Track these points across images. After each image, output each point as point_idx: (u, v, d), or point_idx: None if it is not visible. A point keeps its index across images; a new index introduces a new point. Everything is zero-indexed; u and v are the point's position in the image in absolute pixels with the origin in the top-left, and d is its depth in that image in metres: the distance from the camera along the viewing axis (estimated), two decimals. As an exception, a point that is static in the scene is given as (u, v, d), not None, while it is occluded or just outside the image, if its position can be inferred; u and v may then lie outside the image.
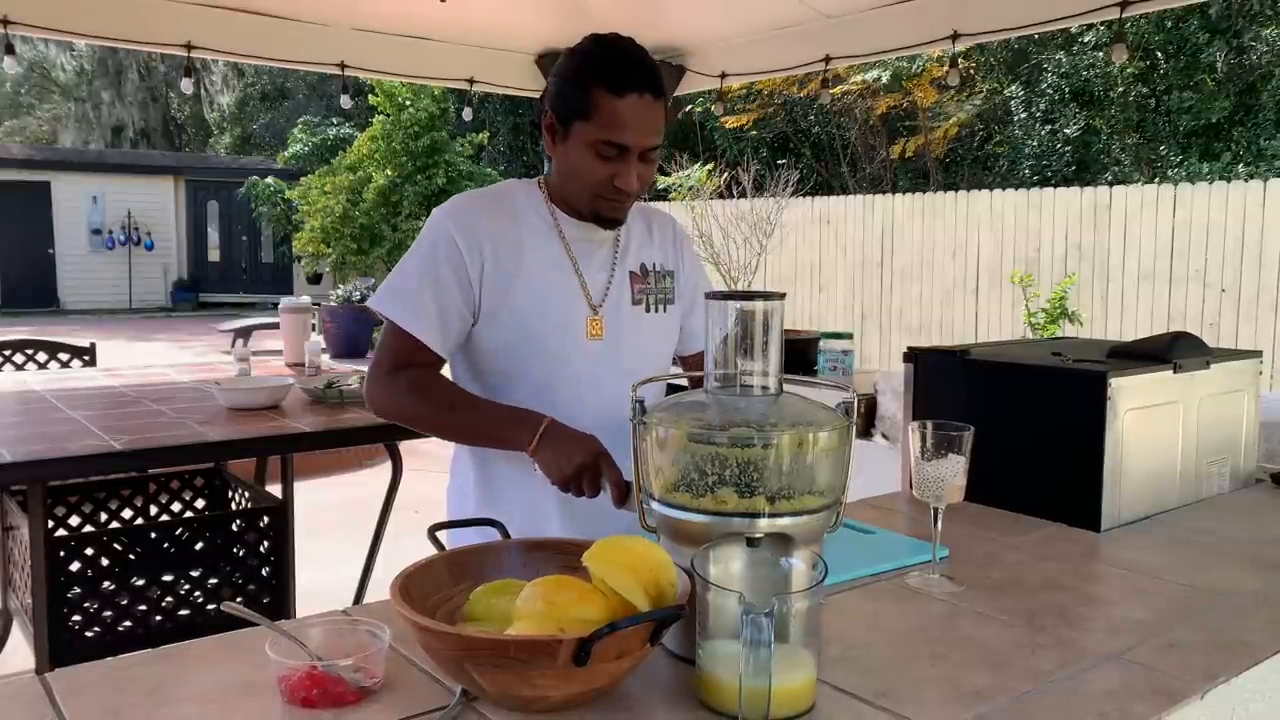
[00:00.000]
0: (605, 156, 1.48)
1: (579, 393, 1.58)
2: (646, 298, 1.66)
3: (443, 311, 1.53)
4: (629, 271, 1.65)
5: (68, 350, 4.09)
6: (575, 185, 1.54)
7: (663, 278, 1.69)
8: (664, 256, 1.71)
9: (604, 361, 1.59)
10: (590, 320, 1.59)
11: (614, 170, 1.49)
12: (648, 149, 1.50)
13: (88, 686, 0.99)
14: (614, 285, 1.62)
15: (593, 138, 1.47)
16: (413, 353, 1.55)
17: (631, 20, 4.00)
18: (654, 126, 1.49)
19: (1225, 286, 7.50)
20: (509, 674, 0.87)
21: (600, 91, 1.45)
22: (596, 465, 1.39)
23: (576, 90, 1.47)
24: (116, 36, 3.66)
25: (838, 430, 1.03)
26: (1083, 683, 1.01)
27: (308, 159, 18.15)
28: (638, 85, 1.46)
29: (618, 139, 1.46)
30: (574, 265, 1.59)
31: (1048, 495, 1.60)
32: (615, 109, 1.45)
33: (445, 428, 1.59)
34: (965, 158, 14.06)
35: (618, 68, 1.46)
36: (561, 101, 1.50)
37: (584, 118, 1.47)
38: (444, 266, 1.53)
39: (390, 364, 1.56)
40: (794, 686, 0.91)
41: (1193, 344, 1.73)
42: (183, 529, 2.78)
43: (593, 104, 1.45)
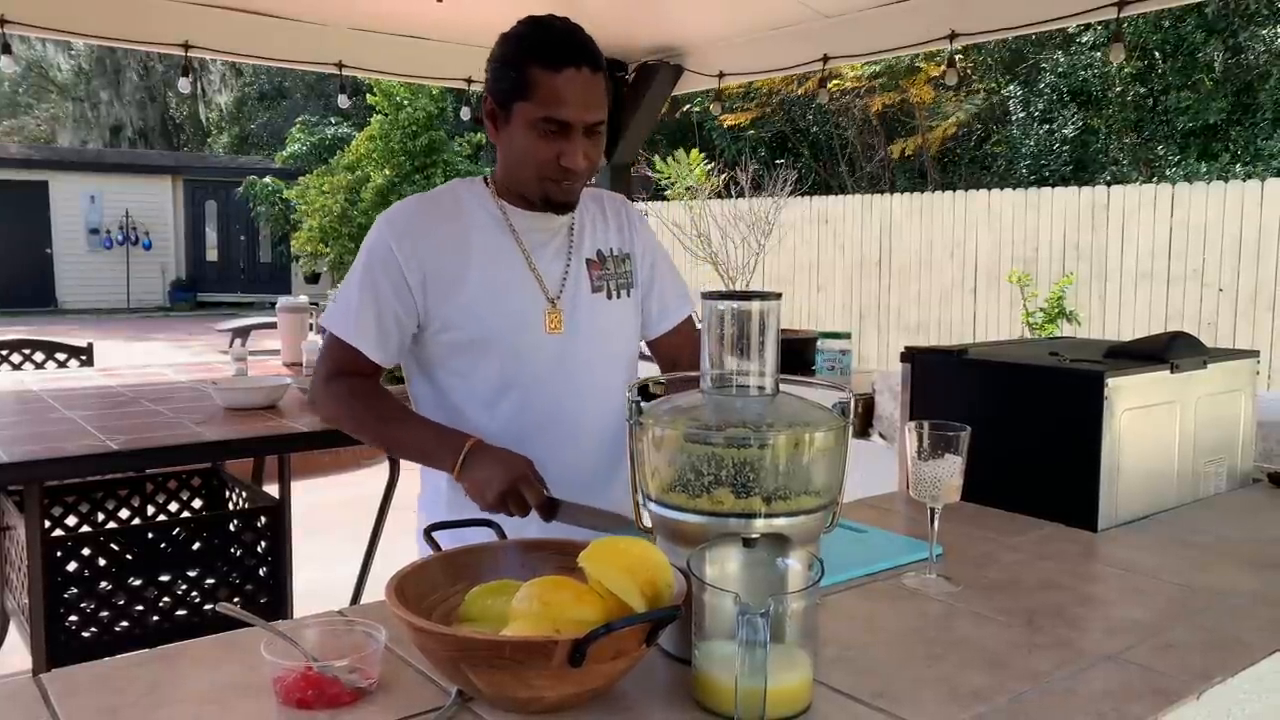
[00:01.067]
0: (549, 135, 1.45)
1: (542, 388, 1.55)
2: (607, 284, 1.63)
3: (380, 320, 1.52)
4: (585, 259, 1.61)
5: (65, 350, 4.09)
6: (522, 170, 1.51)
7: (620, 261, 1.66)
8: (620, 239, 1.68)
9: (566, 354, 1.56)
10: (548, 313, 1.55)
11: (559, 149, 1.46)
12: (591, 124, 1.47)
13: (83, 687, 0.99)
14: (571, 275, 1.59)
15: (534, 116, 1.44)
16: (350, 361, 1.54)
17: (629, 19, 4.00)
18: (595, 100, 1.47)
19: (1223, 286, 7.50)
20: (505, 675, 0.87)
21: (537, 69, 1.43)
22: (516, 489, 1.37)
23: (513, 70, 1.45)
24: (114, 36, 3.66)
25: (834, 430, 1.03)
26: (1080, 683, 1.01)
27: (306, 158, 18.14)
28: (574, 59, 1.44)
29: (559, 115, 1.44)
30: (526, 257, 1.56)
31: (1045, 495, 1.60)
32: (554, 84, 1.43)
33: (378, 439, 1.58)
34: (963, 157, 14.07)
35: (553, 43, 1.45)
36: (499, 84, 1.48)
37: (523, 97, 1.44)
38: (380, 276, 1.51)
39: (328, 371, 1.57)
40: (790, 687, 0.91)
41: (1190, 344, 1.73)
42: (180, 529, 2.78)
43: (531, 82, 1.43)
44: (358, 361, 1.54)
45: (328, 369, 1.57)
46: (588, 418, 1.59)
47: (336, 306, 1.56)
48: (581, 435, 1.59)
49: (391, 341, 1.54)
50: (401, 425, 1.53)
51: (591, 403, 1.59)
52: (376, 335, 1.53)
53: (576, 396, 1.58)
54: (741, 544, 0.99)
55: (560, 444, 1.55)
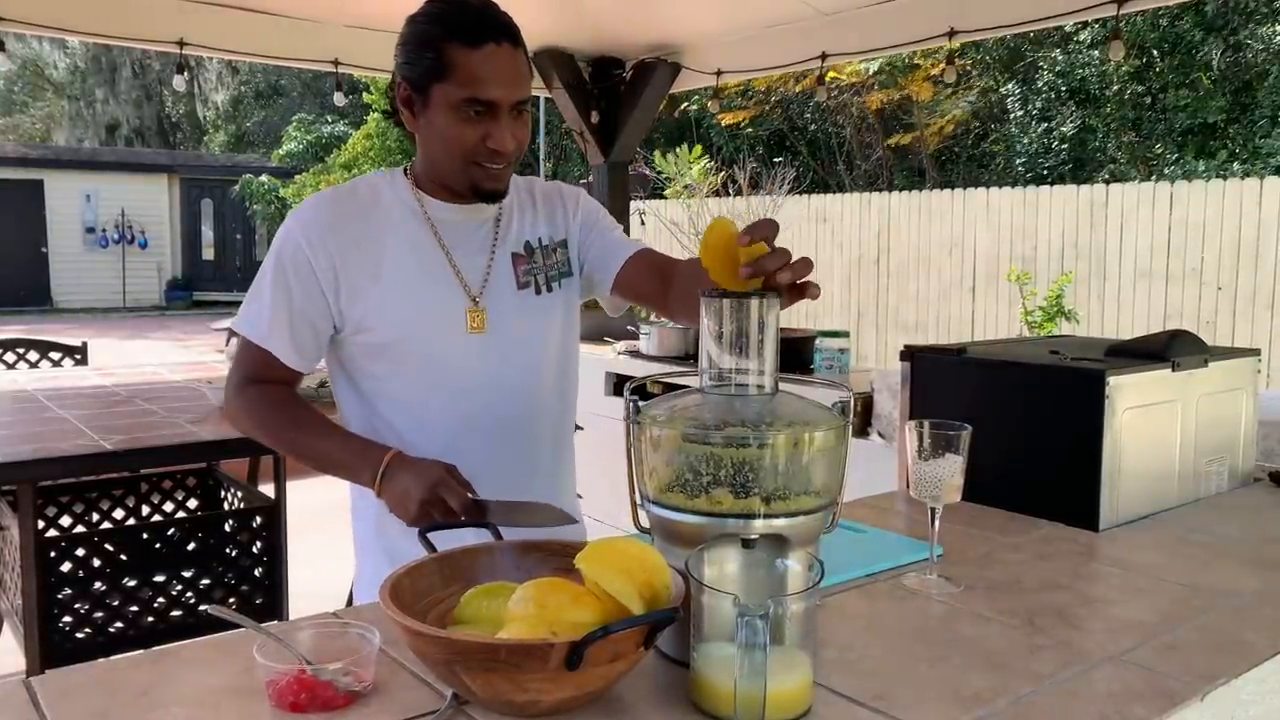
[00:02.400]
0: (473, 117, 1.37)
1: (468, 391, 1.48)
2: (534, 278, 1.54)
3: (293, 324, 1.44)
4: (511, 254, 1.53)
5: (59, 349, 4.07)
6: (446, 157, 1.42)
7: (552, 251, 1.57)
8: (551, 228, 1.58)
9: (490, 354, 1.48)
10: (470, 312, 1.47)
11: (485, 131, 1.38)
12: (516, 103, 1.39)
13: (74, 690, 0.97)
14: (494, 270, 1.50)
15: (456, 98, 1.36)
16: (263, 366, 1.46)
17: (627, 17, 3.99)
18: (519, 77, 1.39)
19: (1222, 285, 7.50)
20: (500, 678, 0.86)
21: (455, 47, 1.35)
22: (438, 497, 1.29)
23: (428, 51, 1.36)
24: (108, 34, 3.65)
25: (834, 430, 1.02)
26: (1082, 684, 1.00)
27: (302, 157, 18.14)
28: (494, 35, 1.36)
29: (483, 94, 1.35)
30: (446, 253, 1.47)
31: (1046, 495, 1.59)
32: (474, 62, 1.35)
33: (295, 451, 1.47)
34: (961, 155, 14.07)
35: (470, 20, 1.36)
36: (414, 68, 1.39)
37: (442, 79, 1.36)
38: (291, 277, 1.43)
39: (240, 377, 1.49)
40: (790, 690, 0.90)
41: (1191, 342, 1.72)
42: (175, 529, 2.77)
43: (449, 62, 1.35)
44: (272, 367, 1.46)
45: (240, 375, 1.49)
46: (520, 420, 1.52)
47: (248, 309, 1.47)
48: (515, 438, 1.52)
49: (307, 345, 1.46)
50: (319, 437, 1.44)
51: (524, 404, 1.52)
52: (290, 339, 1.45)
53: (507, 398, 1.50)
54: (740, 545, 0.98)
55: (493, 448, 1.48)
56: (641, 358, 4.07)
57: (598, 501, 3.39)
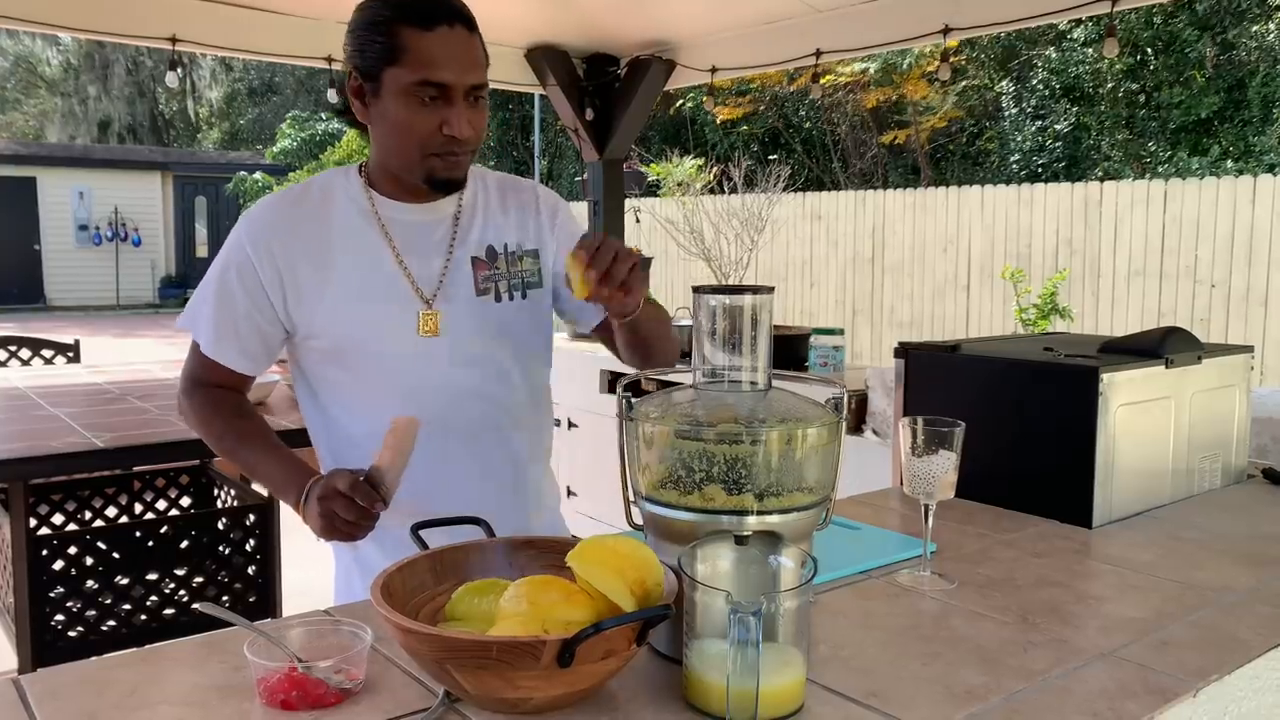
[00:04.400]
0: (428, 102, 1.32)
1: (418, 394, 1.42)
2: (495, 285, 1.46)
3: (239, 329, 1.41)
4: (471, 257, 1.46)
5: (51, 347, 4.06)
6: (401, 148, 1.36)
7: (519, 259, 1.49)
8: (522, 234, 1.51)
9: (444, 360, 1.43)
10: (423, 315, 1.41)
11: (441, 117, 1.32)
12: (472, 88, 1.34)
13: (63, 689, 0.97)
14: (450, 273, 1.44)
15: (408, 81, 1.30)
16: (211, 370, 1.45)
17: (620, 13, 3.99)
18: (474, 61, 1.34)
19: (1215, 282, 7.52)
20: (492, 675, 0.85)
21: (407, 29, 1.30)
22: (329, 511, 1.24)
23: (379, 35, 1.31)
24: (100, 30, 3.62)
25: (827, 426, 1.02)
26: (1076, 681, 0.99)
27: (296, 154, 18.09)
28: (447, 17, 1.32)
29: (436, 77, 1.30)
30: (395, 254, 1.42)
31: (1039, 491, 1.59)
32: (427, 45, 1.30)
33: (236, 462, 1.45)
34: (956, 153, 14.09)
35: (422, 2, 1.32)
36: (364, 55, 1.33)
37: (394, 62, 1.31)
38: (236, 282, 1.41)
39: (189, 381, 1.47)
40: (782, 687, 0.90)
41: (1184, 339, 1.72)
42: (168, 527, 2.76)
43: (400, 45, 1.30)
44: (218, 370, 1.44)
45: (189, 375, 1.47)
46: (481, 426, 1.47)
47: (197, 310, 1.44)
48: (476, 444, 1.47)
49: (254, 350, 1.43)
50: (257, 452, 1.42)
51: (485, 410, 1.47)
52: (236, 345, 1.42)
53: (464, 403, 1.45)
54: (733, 541, 0.98)
55: (449, 456, 1.44)
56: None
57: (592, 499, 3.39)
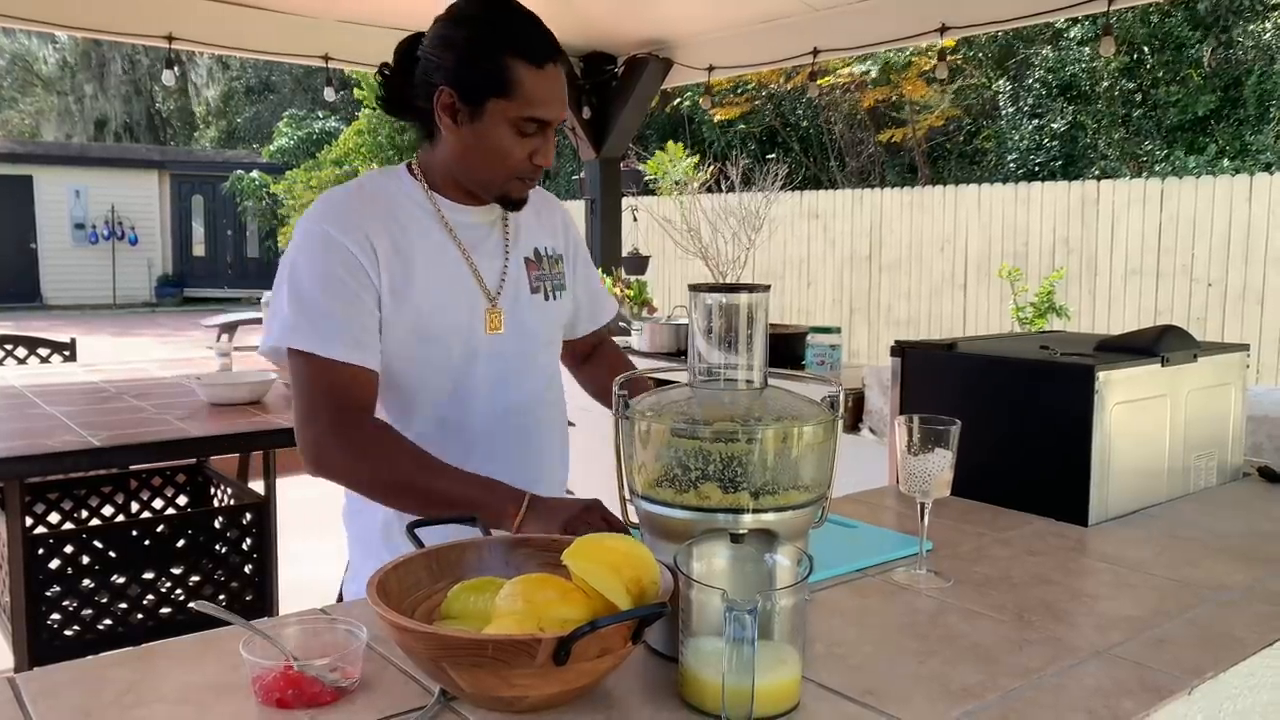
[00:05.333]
0: (526, 133, 1.37)
1: (487, 391, 1.47)
2: (544, 285, 1.54)
3: (363, 327, 1.36)
4: (524, 258, 1.53)
5: (48, 345, 4.05)
6: (488, 168, 1.40)
7: (555, 262, 1.58)
8: (553, 240, 1.60)
9: (508, 356, 1.48)
10: (489, 313, 1.46)
11: (534, 147, 1.39)
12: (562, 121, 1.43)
13: (59, 688, 0.97)
14: (510, 273, 1.50)
15: (515, 115, 1.35)
16: (350, 387, 1.34)
17: (618, 12, 3.98)
18: (565, 97, 1.41)
19: (1212, 281, 7.53)
20: (488, 673, 0.85)
21: (520, 65, 1.33)
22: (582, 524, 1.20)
23: (490, 64, 1.33)
24: (97, 28, 3.62)
25: (823, 424, 1.02)
26: (1071, 679, 1.00)
27: (293, 153, 18.08)
28: (554, 55, 1.37)
29: (543, 114, 1.36)
30: (465, 255, 1.46)
31: (1035, 489, 1.59)
32: (537, 82, 1.34)
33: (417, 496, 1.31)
34: (953, 152, 14.09)
35: (533, 38, 1.36)
36: (468, 75, 1.35)
37: (503, 95, 1.34)
38: (345, 276, 1.35)
39: (332, 411, 1.33)
40: (778, 684, 0.90)
41: (1180, 337, 1.72)
42: (164, 526, 2.76)
43: (513, 80, 1.33)
44: (358, 384, 1.35)
45: (328, 406, 1.33)
46: (533, 416, 1.53)
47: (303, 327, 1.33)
48: (530, 434, 1.52)
49: (376, 350, 1.38)
50: (446, 478, 1.31)
51: (536, 401, 1.54)
52: (369, 346, 1.36)
53: (522, 396, 1.50)
54: (729, 540, 0.98)
55: (511, 443, 1.49)
56: (633, 354, 4.07)
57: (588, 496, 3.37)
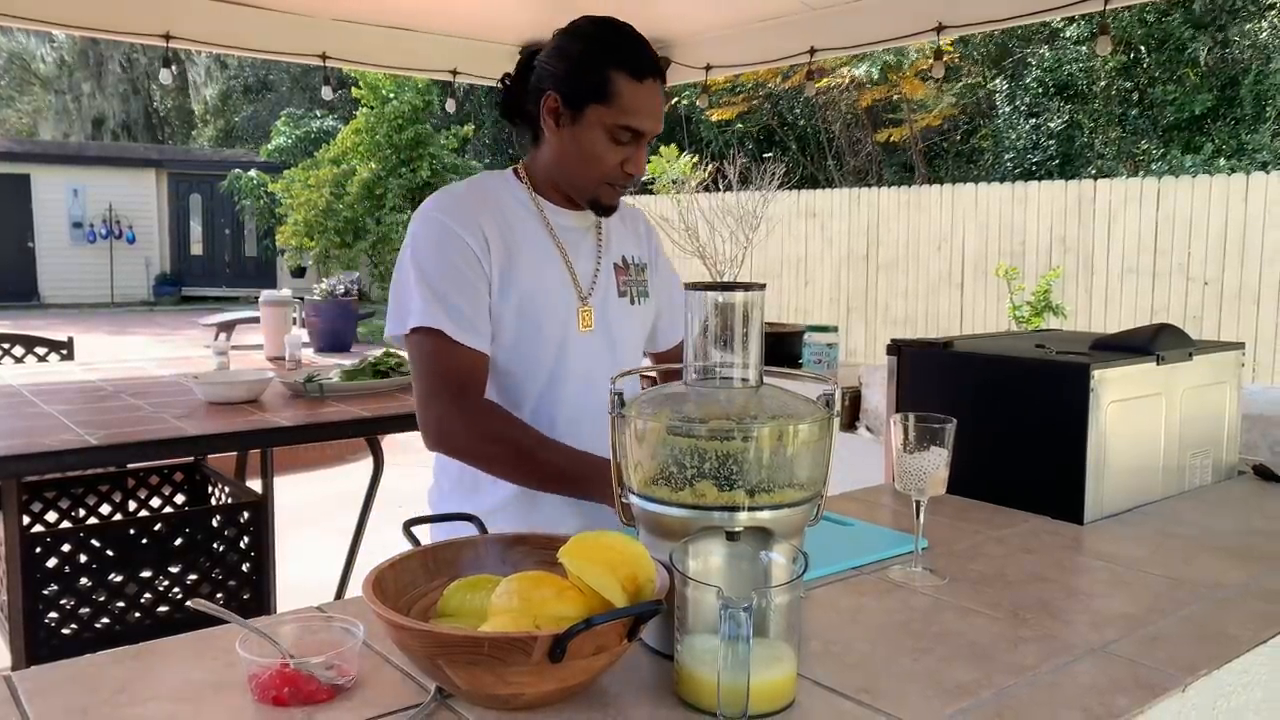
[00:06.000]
0: (620, 141, 1.47)
1: (576, 387, 1.54)
2: (630, 290, 1.64)
3: (479, 314, 1.46)
4: (613, 263, 1.63)
5: (45, 344, 4.04)
6: (582, 171, 1.50)
7: (640, 270, 1.68)
8: (639, 249, 1.70)
9: (597, 354, 1.56)
10: (581, 311, 1.55)
11: (626, 155, 1.48)
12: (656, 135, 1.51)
13: (55, 686, 0.97)
14: (601, 276, 1.60)
15: (611, 122, 1.45)
16: (469, 368, 1.45)
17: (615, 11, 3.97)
18: (662, 113, 1.51)
19: (1208, 280, 7.54)
20: (484, 671, 0.86)
21: (622, 76, 1.44)
22: None
23: (594, 73, 1.44)
24: (93, 26, 3.61)
25: (818, 422, 1.02)
26: (1066, 676, 1.00)
27: (291, 152, 18.06)
28: (654, 71, 1.47)
29: (637, 124, 1.46)
30: (563, 255, 1.55)
31: (1031, 487, 1.59)
32: (637, 94, 1.45)
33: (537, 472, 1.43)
34: (950, 151, 14.10)
35: (638, 53, 1.46)
36: (574, 84, 1.46)
37: (602, 102, 1.44)
38: (461, 264, 1.45)
39: (455, 390, 1.43)
40: (773, 682, 0.90)
41: (1175, 336, 1.72)
42: (161, 525, 2.75)
43: (613, 90, 1.44)
44: (474, 368, 1.46)
45: (451, 388, 1.44)
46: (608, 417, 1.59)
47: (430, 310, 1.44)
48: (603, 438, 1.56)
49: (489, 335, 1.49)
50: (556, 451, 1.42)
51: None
52: (484, 330, 1.47)
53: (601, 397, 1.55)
54: (725, 537, 0.98)
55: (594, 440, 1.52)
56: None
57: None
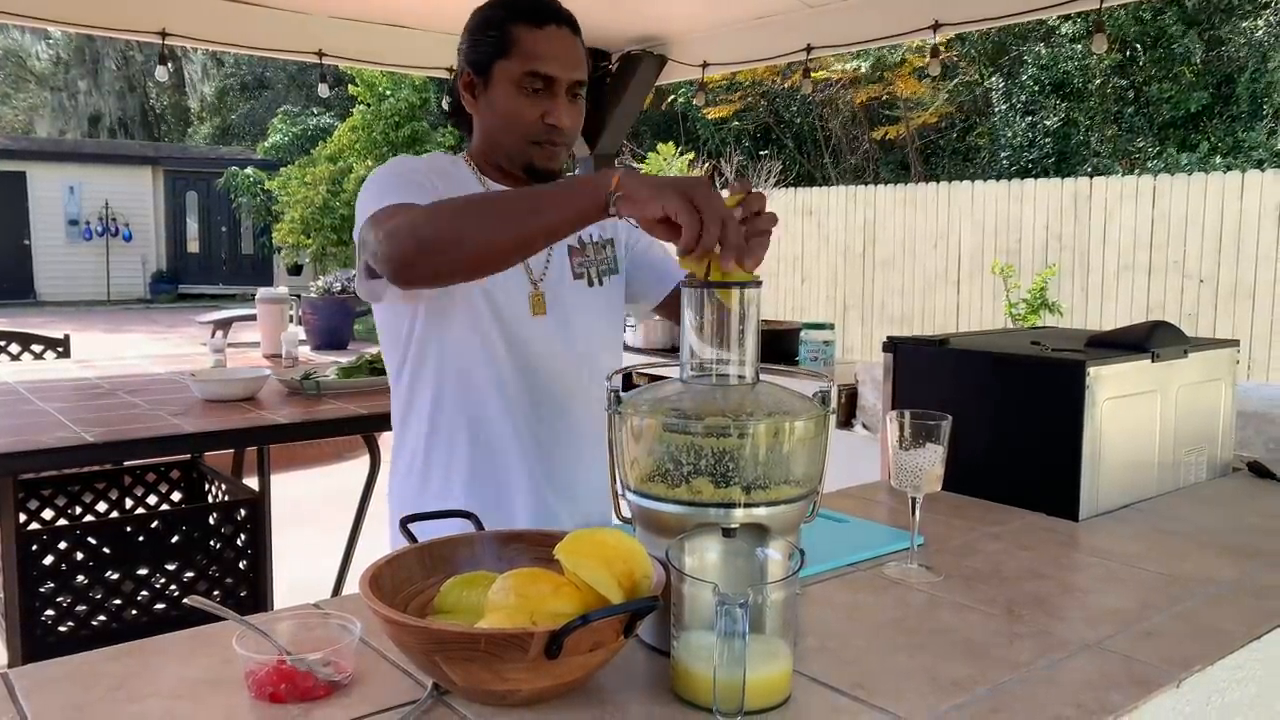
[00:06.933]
0: (533, 93, 1.45)
1: (532, 374, 1.52)
2: (587, 271, 1.60)
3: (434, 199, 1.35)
4: (567, 244, 1.58)
5: (41, 342, 4.04)
6: (506, 134, 1.49)
7: (601, 247, 1.63)
8: (601, 225, 1.62)
9: (552, 340, 1.54)
10: (532, 296, 1.52)
11: (544, 107, 1.46)
12: (574, 83, 1.48)
13: (52, 683, 0.97)
14: (553, 260, 1.56)
15: (517, 72, 1.44)
16: None
17: (612, 8, 3.98)
18: (577, 60, 1.48)
19: (1203, 277, 7.55)
20: (480, 667, 0.86)
21: (520, 26, 1.44)
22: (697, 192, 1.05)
23: (493, 32, 1.46)
24: (89, 23, 3.60)
25: (814, 419, 1.02)
26: (1060, 672, 1.00)
27: (287, 149, 18.04)
28: (555, 18, 1.46)
29: (543, 69, 1.44)
30: None
31: (1026, 484, 1.60)
32: (537, 40, 1.44)
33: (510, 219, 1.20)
34: (946, 149, 14.11)
35: (535, 3, 1.46)
36: (478, 49, 1.47)
37: (505, 55, 1.45)
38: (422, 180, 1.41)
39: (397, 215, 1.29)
40: (769, 678, 0.90)
41: (1170, 333, 1.73)
42: (158, 522, 2.75)
43: (512, 40, 1.44)
44: None
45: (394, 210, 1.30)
46: (575, 402, 1.58)
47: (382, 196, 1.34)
48: (573, 419, 1.57)
49: None
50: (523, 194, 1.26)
51: (579, 388, 1.58)
52: None
53: (564, 382, 1.56)
54: (721, 534, 0.98)
55: (554, 428, 1.55)
56: (628, 350, 4.07)
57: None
